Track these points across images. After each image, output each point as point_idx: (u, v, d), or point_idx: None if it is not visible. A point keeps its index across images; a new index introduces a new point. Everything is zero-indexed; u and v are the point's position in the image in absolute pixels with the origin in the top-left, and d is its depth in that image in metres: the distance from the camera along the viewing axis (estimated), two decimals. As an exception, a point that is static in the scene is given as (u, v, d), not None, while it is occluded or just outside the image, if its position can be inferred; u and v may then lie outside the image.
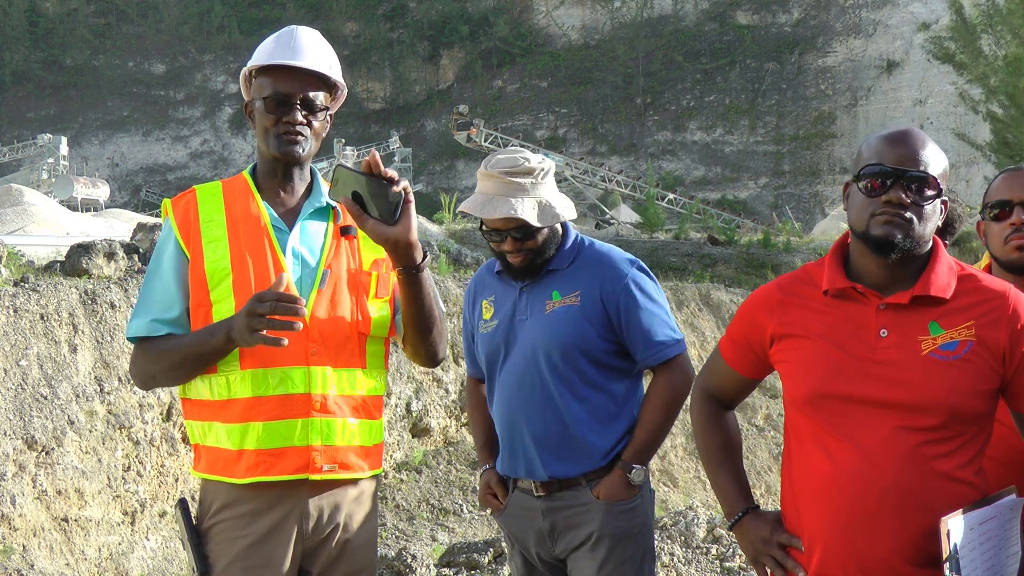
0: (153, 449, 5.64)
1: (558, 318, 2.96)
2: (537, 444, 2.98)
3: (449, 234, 13.63)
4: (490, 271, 3.18)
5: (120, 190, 57.67)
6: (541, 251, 2.98)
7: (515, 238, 2.94)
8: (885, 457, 2.06)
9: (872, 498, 2.06)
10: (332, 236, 2.53)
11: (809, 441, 2.17)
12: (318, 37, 2.58)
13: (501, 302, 3.09)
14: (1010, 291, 2.13)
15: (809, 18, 54.81)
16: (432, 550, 6.05)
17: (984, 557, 2.03)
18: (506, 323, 3.05)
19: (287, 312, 2.23)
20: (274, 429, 2.41)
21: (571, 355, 2.95)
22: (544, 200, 2.94)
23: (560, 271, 3.02)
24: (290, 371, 2.41)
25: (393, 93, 61.06)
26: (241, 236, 2.48)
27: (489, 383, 3.15)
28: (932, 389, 2.06)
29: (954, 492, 2.06)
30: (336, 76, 2.56)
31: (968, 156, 38.13)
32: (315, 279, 2.47)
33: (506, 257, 3.00)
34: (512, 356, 3.03)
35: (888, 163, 2.09)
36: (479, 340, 3.14)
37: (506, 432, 3.05)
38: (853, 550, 2.09)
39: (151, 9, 64.18)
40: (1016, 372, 2.08)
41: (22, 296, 5.31)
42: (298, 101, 2.47)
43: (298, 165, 2.55)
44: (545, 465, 2.97)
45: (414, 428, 7.57)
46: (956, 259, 2.24)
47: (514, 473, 3.06)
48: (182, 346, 2.42)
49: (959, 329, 2.09)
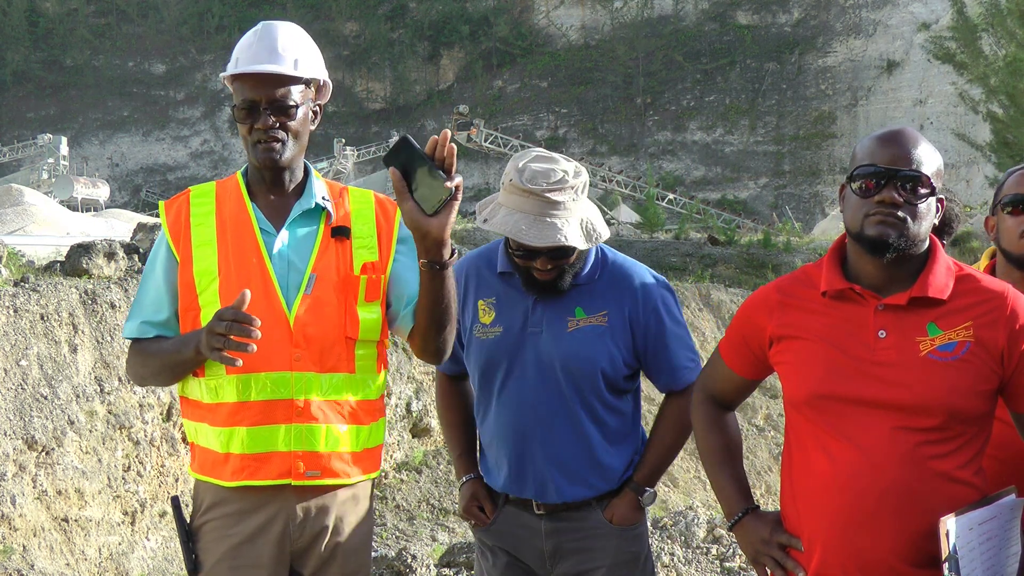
0: (153, 449, 5.64)
1: (584, 338, 2.76)
2: (553, 467, 2.78)
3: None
4: (490, 268, 2.89)
5: (120, 190, 57.68)
6: (573, 268, 2.76)
7: (551, 257, 2.71)
8: (884, 458, 2.06)
9: (872, 498, 2.06)
10: (322, 238, 2.50)
11: (809, 442, 2.17)
12: (290, 32, 2.51)
13: (507, 307, 2.83)
14: (1008, 291, 2.13)
15: (809, 18, 54.80)
16: (432, 550, 6.05)
17: (984, 557, 2.04)
18: (514, 333, 2.80)
19: (241, 333, 2.21)
20: (258, 434, 2.40)
21: (594, 378, 2.77)
22: (586, 219, 2.71)
23: (583, 286, 2.80)
24: (274, 376, 2.39)
25: (393, 93, 61.06)
26: (229, 239, 2.46)
27: (483, 393, 2.90)
28: (931, 390, 2.06)
29: (953, 492, 2.06)
30: (309, 72, 2.49)
31: (968, 156, 38.15)
32: (301, 283, 2.44)
33: (532, 273, 2.75)
34: (522, 371, 2.79)
35: (880, 163, 2.09)
36: (472, 343, 2.88)
37: (512, 451, 2.82)
38: (853, 550, 2.09)
39: (151, 9, 64.18)
40: (1015, 372, 2.08)
41: (22, 296, 5.31)
42: (267, 106, 2.42)
43: (283, 169, 2.50)
44: (559, 490, 2.79)
45: (414, 428, 7.57)
46: (955, 260, 2.24)
47: (519, 494, 2.84)
48: (162, 352, 2.43)
49: (957, 330, 2.09)
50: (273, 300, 2.42)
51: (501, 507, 2.90)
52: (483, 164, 54.20)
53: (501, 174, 2.83)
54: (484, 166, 54.49)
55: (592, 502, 2.81)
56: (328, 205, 2.53)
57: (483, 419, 2.92)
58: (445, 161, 2.22)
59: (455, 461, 3.07)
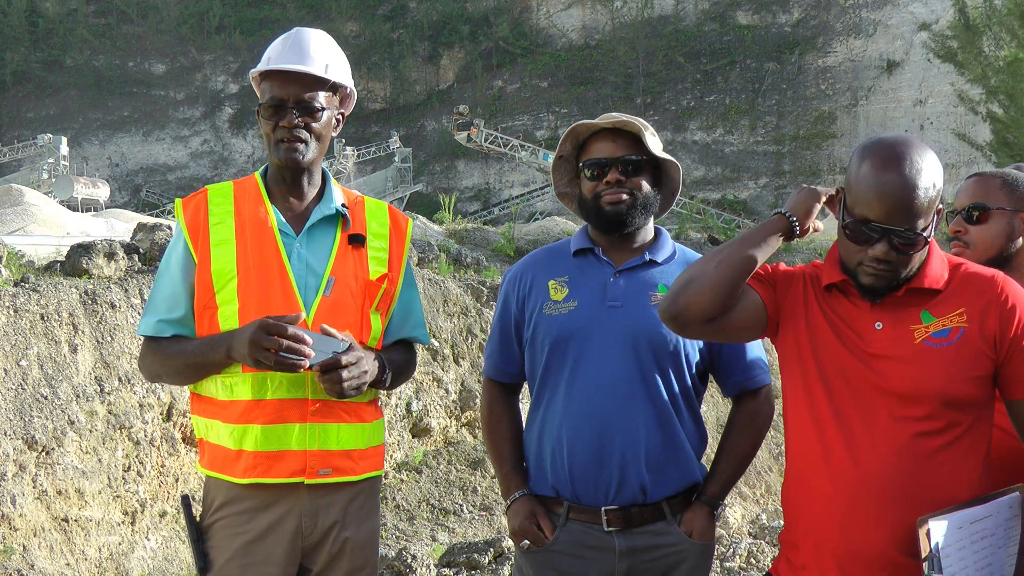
0: (153, 449, 5.64)
1: None
2: (634, 451, 2.55)
3: (449, 234, 13.63)
4: (558, 254, 2.76)
5: (120, 190, 57.69)
6: (643, 204, 2.65)
7: (622, 171, 2.62)
8: (883, 447, 2.08)
9: (869, 488, 2.07)
10: (340, 244, 2.53)
11: (807, 432, 2.19)
12: (322, 38, 2.56)
13: (582, 282, 2.66)
14: (998, 276, 2.17)
15: (809, 18, 54.78)
16: (432, 550, 6.05)
17: (976, 556, 2.04)
18: (591, 306, 2.61)
19: (293, 354, 2.27)
20: (272, 432, 2.42)
21: (678, 358, 2.59)
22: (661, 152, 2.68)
23: (661, 265, 2.68)
24: (290, 376, 2.42)
25: (393, 93, 61.03)
26: (248, 240, 2.48)
27: (548, 380, 2.65)
28: (926, 377, 2.08)
29: (951, 483, 2.07)
30: (337, 77, 2.54)
31: (968, 156, 38.11)
32: (320, 286, 2.48)
33: (600, 200, 2.64)
34: (600, 347, 2.58)
35: (877, 220, 2.06)
36: (540, 324, 2.65)
37: (587, 439, 2.56)
38: (850, 540, 2.10)
39: (151, 9, 64.15)
40: (1007, 357, 2.10)
41: (22, 296, 5.31)
42: (293, 105, 2.46)
43: (303, 171, 2.54)
44: (639, 479, 2.54)
45: (414, 428, 7.57)
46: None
47: (591, 497, 2.57)
48: (185, 353, 2.45)
49: (951, 316, 2.12)
50: (292, 301, 2.45)
51: (563, 524, 2.61)
52: (483, 164, 54.18)
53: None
54: (484, 166, 54.47)
55: (665, 513, 2.59)
56: (345, 212, 2.56)
57: (547, 409, 2.66)
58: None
59: (504, 476, 2.75)
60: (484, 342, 8.07)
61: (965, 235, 2.65)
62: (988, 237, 2.61)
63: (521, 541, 2.66)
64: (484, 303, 8.29)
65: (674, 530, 2.60)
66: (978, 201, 2.63)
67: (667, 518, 2.60)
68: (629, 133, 2.66)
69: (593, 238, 2.74)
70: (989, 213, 2.62)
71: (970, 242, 2.63)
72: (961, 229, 2.65)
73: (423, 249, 9.96)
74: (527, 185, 49.65)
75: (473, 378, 7.92)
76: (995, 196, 2.63)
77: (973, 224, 2.64)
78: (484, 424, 2.86)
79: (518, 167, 50.12)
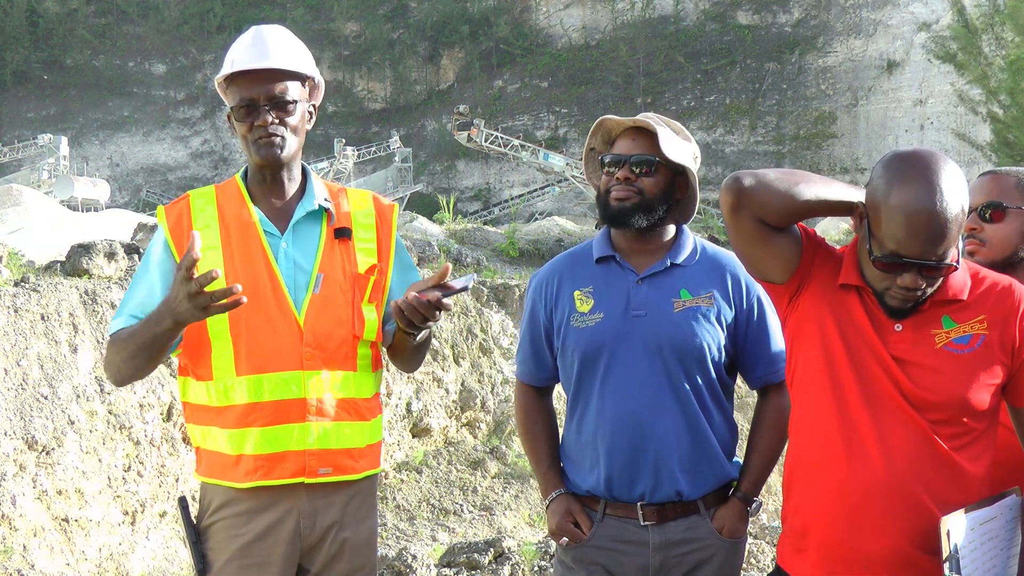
0: (153, 449, 5.63)
1: (692, 318, 2.66)
2: (667, 454, 2.63)
3: (449, 234, 13.62)
4: (581, 260, 2.82)
5: (120, 190, 57.65)
6: (648, 205, 2.68)
7: (634, 170, 2.67)
8: (897, 449, 2.08)
9: (882, 489, 2.07)
10: (326, 239, 2.52)
11: (821, 433, 2.18)
12: (282, 33, 2.55)
13: (606, 293, 2.73)
14: (1014, 283, 2.18)
15: (809, 18, 54.77)
16: (432, 550, 6.05)
17: (986, 557, 2.04)
18: (617, 317, 2.68)
19: (226, 297, 2.18)
20: (271, 434, 2.41)
21: (704, 361, 2.66)
22: (681, 158, 2.70)
23: (685, 268, 2.73)
24: (286, 376, 2.41)
25: (393, 93, 61.01)
26: (234, 243, 2.47)
27: (582, 387, 2.74)
28: (946, 382, 2.08)
29: (964, 486, 2.07)
30: (303, 68, 2.53)
31: (968, 156, 38.08)
32: (309, 283, 2.47)
33: (609, 194, 2.69)
34: (628, 356, 2.66)
35: (907, 255, 2.03)
36: (569, 334, 2.74)
37: (621, 442, 2.65)
38: (861, 541, 2.10)
39: (151, 9, 64.13)
40: (1022, 365, 2.10)
41: (22, 296, 5.31)
42: (265, 103, 2.45)
43: (283, 167, 2.53)
44: (672, 480, 2.63)
45: (414, 428, 7.57)
46: None
47: (628, 494, 2.67)
48: (135, 335, 2.38)
49: (972, 323, 2.11)
50: (282, 301, 2.43)
51: (600, 520, 2.71)
52: (483, 164, 54.16)
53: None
54: (484, 166, 54.45)
55: (700, 508, 2.68)
56: (329, 206, 2.55)
57: (582, 416, 2.74)
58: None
59: (543, 476, 2.83)
60: (484, 342, 8.07)
61: (980, 232, 2.61)
62: (1004, 236, 2.59)
63: (560, 538, 2.76)
64: (484, 303, 8.29)
65: (706, 524, 2.68)
66: (993, 200, 2.61)
67: (701, 512, 2.69)
68: (651, 133, 2.69)
69: (614, 242, 2.79)
70: (1005, 212, 2.60)
71: (985, 240, 2.60)
72: (976, 227, 2.61)
73: (423, 249, 9.96)
74: (527, 185, 49.65)
75: (473, 378, 7.92)
76: (1011, 195, 2.61)
77: (987, 222, 2.61)
78: (519, 426, 2.95)
79: (518, 167, 50.11)
